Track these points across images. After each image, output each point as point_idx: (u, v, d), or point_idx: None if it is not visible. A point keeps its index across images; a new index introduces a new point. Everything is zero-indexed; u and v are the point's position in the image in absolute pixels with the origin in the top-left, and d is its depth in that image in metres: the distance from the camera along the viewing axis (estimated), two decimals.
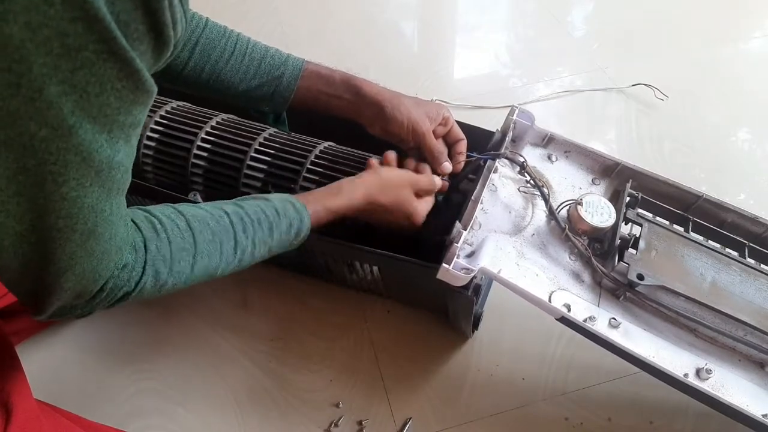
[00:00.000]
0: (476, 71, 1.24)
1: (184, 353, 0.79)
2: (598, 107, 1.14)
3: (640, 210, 0.69)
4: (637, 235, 0.66)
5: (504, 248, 0.65)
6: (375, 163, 0.67)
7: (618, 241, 0.64)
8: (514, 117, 0.73)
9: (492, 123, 0.78)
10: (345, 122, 0.68)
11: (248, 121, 0.80)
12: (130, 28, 0.33)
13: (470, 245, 0.65)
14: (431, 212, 0.68)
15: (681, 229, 0.68)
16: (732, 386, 0.59)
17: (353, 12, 1.37)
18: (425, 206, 0.67)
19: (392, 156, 0.68)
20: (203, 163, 0.75)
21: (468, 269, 0.59)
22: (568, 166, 0.75)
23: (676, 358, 0.60)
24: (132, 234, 0.44)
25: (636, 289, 0.61)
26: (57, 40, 0.30)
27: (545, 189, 0.69)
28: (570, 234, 0.65)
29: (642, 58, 1.23)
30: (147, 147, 0.76)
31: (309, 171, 0.72)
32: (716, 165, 1.03)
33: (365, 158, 0.73)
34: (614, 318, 0.61)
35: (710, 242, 0.68)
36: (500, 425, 0.72)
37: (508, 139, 0.73)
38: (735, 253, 0.67)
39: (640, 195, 0.69)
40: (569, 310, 0.61)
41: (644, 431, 0.72)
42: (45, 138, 0.32)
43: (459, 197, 0.70)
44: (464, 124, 0.74)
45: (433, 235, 0.66)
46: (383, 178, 0.64)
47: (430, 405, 0.74)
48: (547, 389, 0.75)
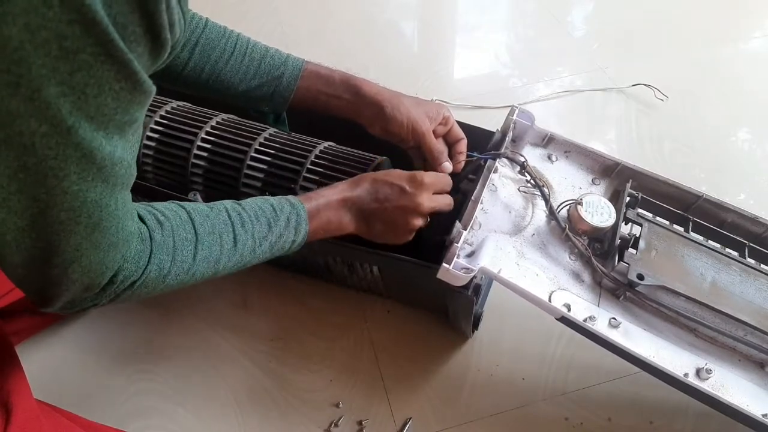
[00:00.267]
0: (476, 71, 1.24)
1: (184, 353, 0.79)
2: (598, 107, 1.14)
3: (640, 210, 0.69)
4: (637, 235, 0.66)
5: (504, 248, 0.65)
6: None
7: (618, 241, 0.64)
8: (514, 117, 0.73)
9: (492, 123, 0.78)
10: (345, 122, 0.68)
11: (248, 121, 0.79)
12: (128, 31, 0.33)
13: (470, 245, 0.65)
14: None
15: (681, 229, 0.68)
16: (732, 386, 0.59)
17: (353, 12, 1.37)
18: (433, 203, 0.63)
19: None
20: (203, 163, 0.75)
21: (468, 269, 0.59)
22: (568, 166, 0.75)
23: (676, 358, 0.60)
24: (138, 225, 0.45)
25: (636, 289, 0.61)
26: (55, 42, 0.30)
27: (545, 189, 0.69)
28: (570, 234, 0.65)
29: (642, 58, 1.23)
30: (147, 147, 0.76)
31: (309, 171, 0.72)
32: (716, 165, 1.03)
33: (366, 158, 0.73)
34: (614, 318, 0.61)
35: (710, 242, 0.68)
36: (500, 425, 0.72)
37: (508, 139, 0.73)
38: (735, 253, 0.68)
39: (640, 195, 0.69)
40: (569, 310, 0.61)
41: (644, 431, 0.72)
42: (44, 136, 0.32)
43: (459, 197, 0.70)
44: (464, 124, 0.74)
45: (433, 235, 0.66)
46: (386, 171, 0.64)
47: (430, 405, 0.74)
48: (547, 389, 0.75)
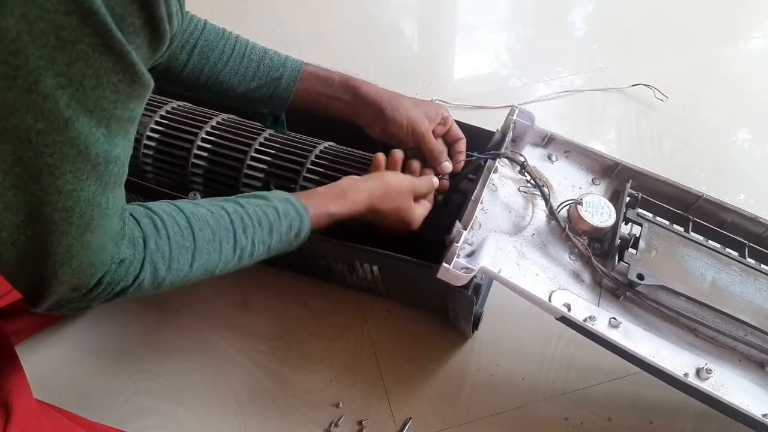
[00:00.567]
0: (476, 71, 1.24)
1: (184, 353, 0.79)
2: (598, 107, 1.14)
3: (640, 210, 0.69)
4: (637, 235, 0.66)
5: (504, 248, 0.65)
6: (382, 163, 0.67)
7: (618, 241, 0.64)
8: (514, 117, 0.73)
9: (492, 123, 0.78)
10: (344, 123, 0.68)
11: (248, 121, 0.79)
12: (126, 22, 0.32)
13: (470, 245, 0.65)
14: (431, 212, 0.68)
15: (681, 229, 0.68)
16: (732, 386, 0.59)
17: (353, 12, 1.37)
18: (422, 210, 0.66)
19: (399, 156, 0.68)
20: (203, 163, 0.75)
21: (468, 269, 0.59)
22: (568, 166, 0.75)
23: (677, 358, 0.60)
24: (131, 229, 0.44)
25: (636, 289, 0.61)
26: (52, 33, 0.30)
27: (545, 189, 0.69)
28: (570, 234, 0.65)
29: (642, 58, 1.23)
30: (147, 147, 0.76)
31: (309, 171, 0.72)
32: (716, 165, 1.03)
33: (366, 158, 0.73)
34: (614, 318, 0.61)
35: (710, 242, 0.68)
36: (500, 425, 0.72)
37: (508, 139, 0.73)
38: (735, 253, 0.68)
39: (640, 195, 0.69)
40: (569, 310, 0.61)
41: (644, 431, 0.72)
42: (41, 130, 0.32)
43: (459, 197, 0.70)
44: (464, 124, 0.74)
45: (433, 235, 0.66)
46: (388, 185, 0.63)
47: (430, 405, 0.74)
48: (547, 389, 0.75)
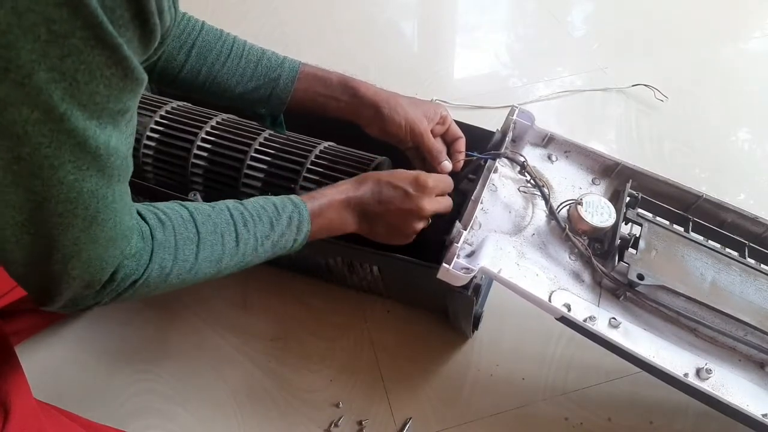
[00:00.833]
0: (476, 71, 1.24)
1: (184, 353, 0.79)
2: (598, 107, 1.14)
3: (640, 210, 0.69)
4: (637, 235, 0.66)
5: (504, 248, 0.65)
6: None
7: (618, 241, 0.64)
8: (514, 117, 0.73)
9: (492, 123, 0.78)
10: (343, 123, 0.67)
11: (248, 121, 0.79)
12: (116, 14, 0.32)
13: (470, 245, 0.64)
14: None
15: (681, 229, 0.68)
16: (732, 386, 0.59)
17: (353, 12, 1.37)
18: (436, 205, 0.63)
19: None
20: (203, 163, 0.75)
21: (468, 269, 0.59)
22: (568, 166, 0.75)
23: (676, 358, 0.60)
24: (139, 223, 0.45)
25: (636, 289, 0.61)
26: (43, 26, 0.29)
27: (545, 189, 0.69)
28: (570, 234, 0.65)
29: (642, 58, 1.23)
30: (147, 147, 0.76)
31: (309, 171, 0.72)
32: (716, 165, 1.03)
33: (365, 158, 0.73)
34: (614, 318, 0.61)
35: (710, 242, 0.68)
36: (500, 425, 0.72)
37: (508, 139, 0.73)
38: (735, 253, 0.67)
39: (640, 195, 0.69)
40: (569, 310, 0.60)
41: (644, 431, 0.72)
42: (37, 124, 0.32)
43: (459, 197, 0.70)
44: (464, 124, 0.74)
45: (433, 235, 0.66)
46: (389, 172, 0.63)
47: (430, 405, 0.74)
48: (547, 389, 0.75)
